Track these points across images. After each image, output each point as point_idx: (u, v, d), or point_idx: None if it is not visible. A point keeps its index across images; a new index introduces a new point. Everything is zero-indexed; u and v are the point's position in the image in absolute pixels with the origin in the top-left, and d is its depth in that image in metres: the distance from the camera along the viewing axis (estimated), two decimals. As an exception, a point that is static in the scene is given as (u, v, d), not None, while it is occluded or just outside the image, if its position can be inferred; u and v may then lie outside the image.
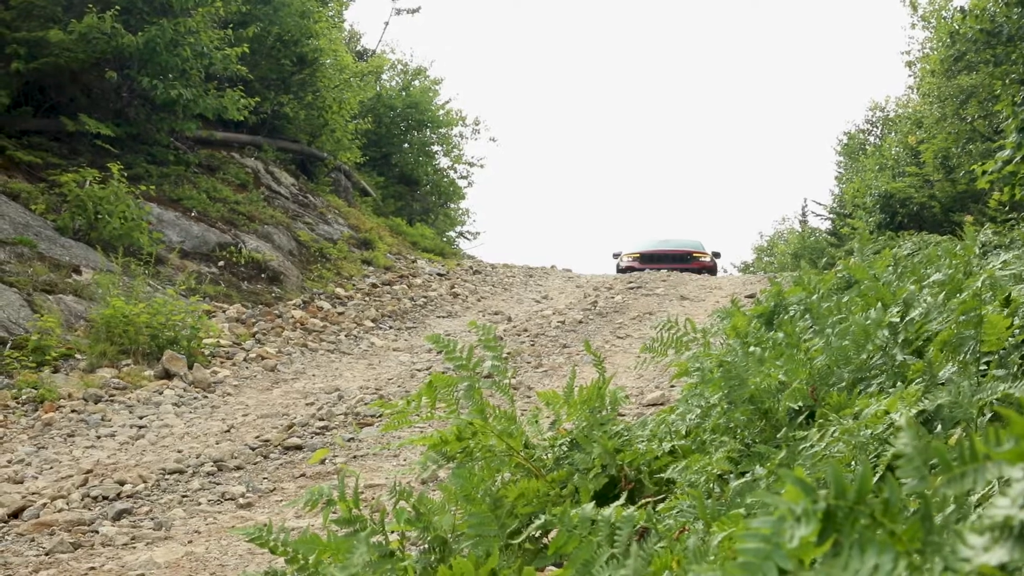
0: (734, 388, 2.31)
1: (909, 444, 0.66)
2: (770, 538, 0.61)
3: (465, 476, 2.30)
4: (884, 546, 0.58)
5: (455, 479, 2.31)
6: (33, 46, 11.20)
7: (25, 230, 10.29)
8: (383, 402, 2.87)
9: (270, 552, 2.12)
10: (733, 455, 2.14)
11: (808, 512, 0.61)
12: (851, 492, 0.61)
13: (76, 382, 7.84)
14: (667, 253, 23.23)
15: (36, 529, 4.53)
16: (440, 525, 2.19)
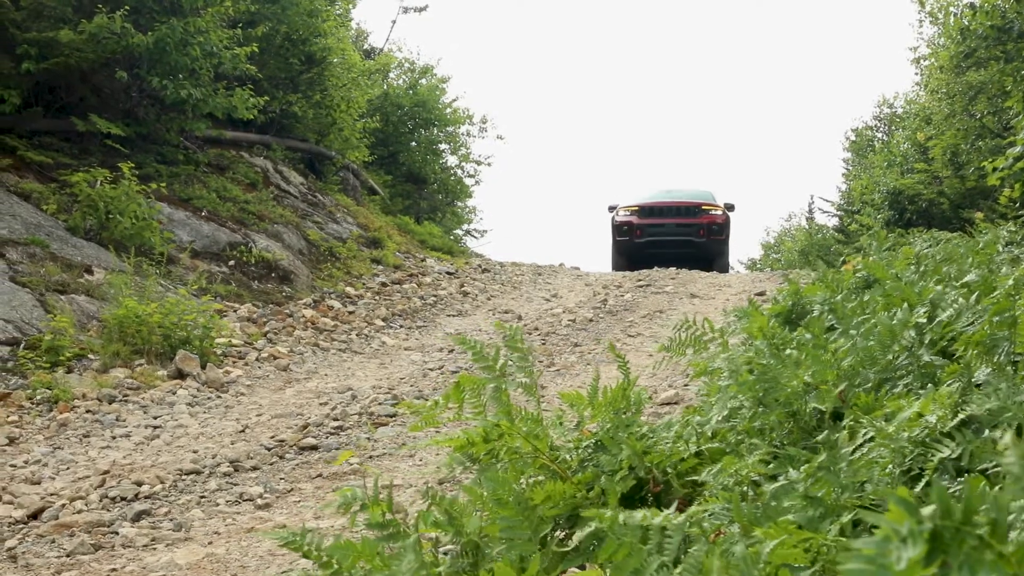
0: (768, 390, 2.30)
1: (1017, 463, 0.66)
2: (875, 559, 0.61)
3: (496, 479, 2.30)
4: (994, 567, 0.58)
5: (486, 482, 2.30)
6: (43, 46, 11.21)
7: (37, 230, 10.30)
8: (410, 403, 2.88)
9: (303, 557, 2.12)
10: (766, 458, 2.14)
11: (914, 533, 0.61)
12: (958, 512, 0.61)
13: (90, 382, 7.85)
14: (671, 205, 20.04)
15: (56, 530, 4.53)
16: (472, 529, 2.19)
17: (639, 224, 19.71)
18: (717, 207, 20.19)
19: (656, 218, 19.80)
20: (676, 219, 19.74)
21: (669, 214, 19.84)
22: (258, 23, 14.66)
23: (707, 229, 19.73)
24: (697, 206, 20.01)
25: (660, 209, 19.91)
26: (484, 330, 11.01)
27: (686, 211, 19.90)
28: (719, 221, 20.00)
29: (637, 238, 19.67)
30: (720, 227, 20.01)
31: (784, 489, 1.85)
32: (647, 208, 20.00)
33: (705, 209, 20.03)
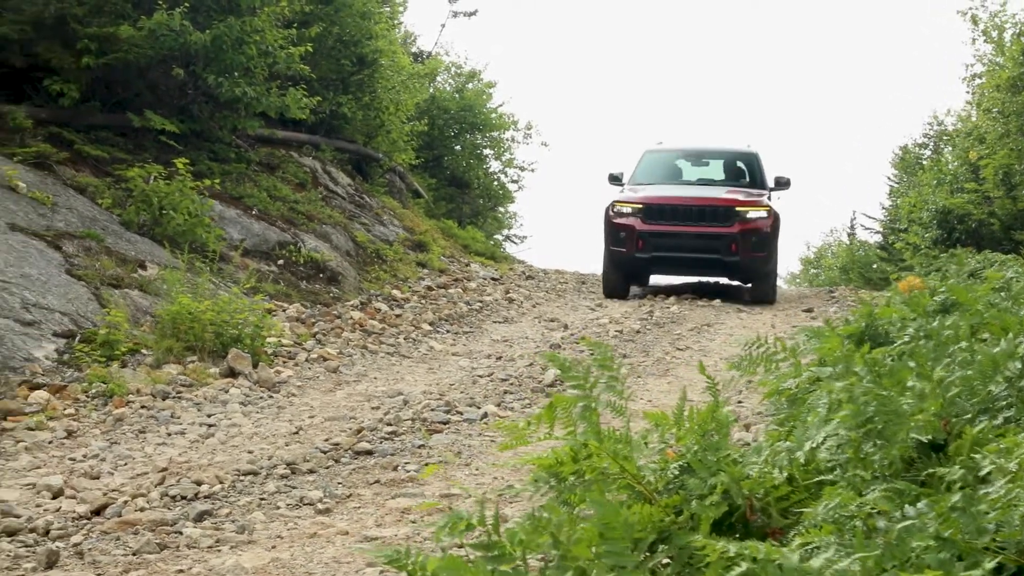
0: (889, 422, 2.26)
1: None
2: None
3: (603, 503, 2.26)
4: None
5: (593, 505, 2.27)
6: (103, 42, 11.30)
7: (92, 224, 10.37)
8: (502, 422, 2.85)
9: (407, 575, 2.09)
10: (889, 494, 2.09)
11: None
12: None
13: (143, 377, 7.88)
14: (690, 205, 14.11)
15: (120, 528, 4.54)
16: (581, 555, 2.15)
17: (642, 231, 13.89)
18: (760, 204, 14.21)
19: (667, 223, 13.92)
20: (697, 226, 13.87)
21: (687, 218, 13.95)
22: (312, 24, 14.72)
23: (744, 241, 13.79)
24: (730, 207, 13.99)
25: (674, 210, 14.00)
26: (531, 338, 10.97)
27: (712, 214, 13.94)
28: (763, 229, 13.95)
29: (639, 251, 13.94)
30: (764, 238, 13.93)
31: (911, 528, 1.80)
32: (655, 207, 14.07)
33: (741, 211, 13.95)
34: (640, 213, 14.13)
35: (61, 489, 5.15)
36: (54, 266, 9.14)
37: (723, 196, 14.46)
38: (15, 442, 6.28)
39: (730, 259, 13.93)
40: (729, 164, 16.13)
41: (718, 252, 13.89)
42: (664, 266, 14.58)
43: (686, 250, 13.99)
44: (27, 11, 11.16)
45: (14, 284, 8.44)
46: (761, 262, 14.10)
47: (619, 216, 14.28)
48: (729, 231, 13.87)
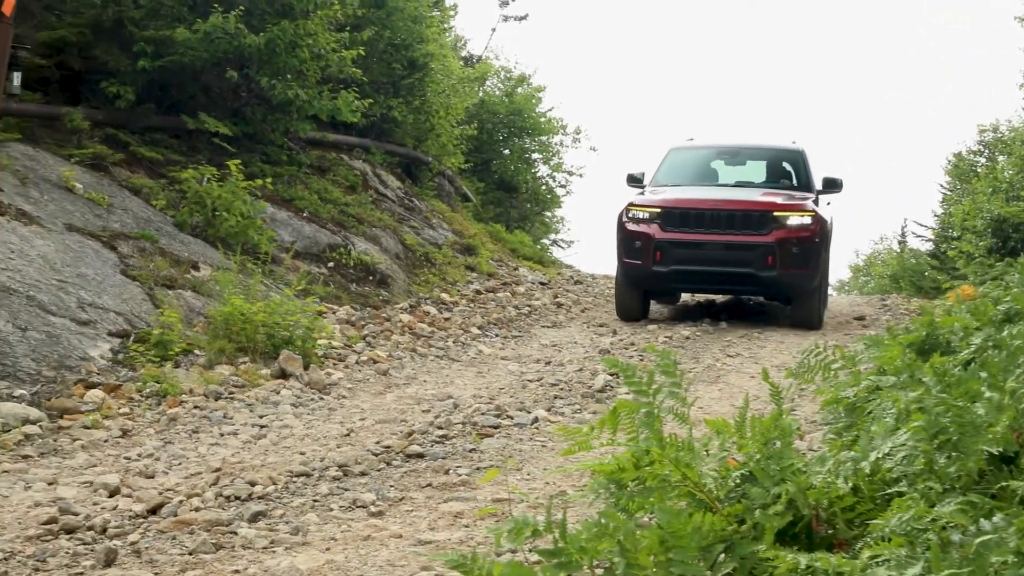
0: (964, 434, 2.21)
1: None
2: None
3: (671, 511, 2.24)
4: None
5: (661, 514, 2.24)
6: (159, 44, 11.42)
7: (147, 225, 10.48)
8: (564, 427, 2.83)
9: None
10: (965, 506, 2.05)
11: None
12: None
13: (196, 378, 7.94)
14: (719, 209, 11.99)
15: (176, 527, 4.57)
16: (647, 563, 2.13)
17: (660, 241, 11.90)
18: (804, 208, 12.12)
19: (690, 231, 11.92)
20: (726, 234, 11.84)
21: (714, 225, 11.89)
22: (364, 27, 14.79)
23: (782, 252, 11.70)
24: (766, 211, 11.89)
25: (699, 215, 11.94)
26: (580, 343, 10.94)
27: (744, 220, 11.85)
28: (806, 237, 11.86)
29: (656, 264, 11.92)
30: (807, 249, 11.84)
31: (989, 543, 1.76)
32: (676, 212, 12.04)
33: (779, 216, 11.87)
34: (658, 219, 11.96)
35: (118, 488, 5.20)
36: (109, 266, 9.24)
37: (758, 199, 12.16)
38: (71, 440, 6.35)
39: (765, 274, 11.70)
40: (770, 163, 13.72)
41: (751, 265, 11.70)
42: (686, 282, 12.40)
43: (713, 263, 11.81)
44: (86, 14, 11.31)
45: (70, 284, 8.54)
46: (803, 278, 11.81)
47: (634, 222, 12.12)
48: (764, 240, 11.66)
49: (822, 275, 12.33)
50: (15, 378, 7.12)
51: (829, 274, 13.80)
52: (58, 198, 9.97)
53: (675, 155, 13.91)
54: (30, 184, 9.88)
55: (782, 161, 13.74)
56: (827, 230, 12.39)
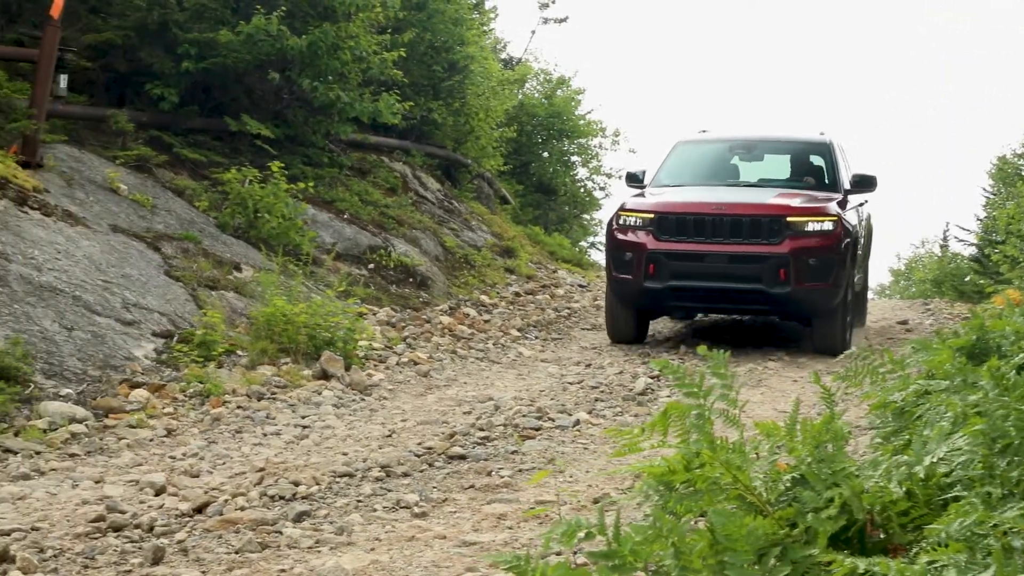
0: (1027, 440, 2.18)
1: None
2: None
3: (726, 514, 2.22)
4: None
5: (715, 517, 2.22)
6: (203, 47, 11.51)
7: (190, 226, 10.56)
8: (614, 429, 2.82)
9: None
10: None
11: None
12: None
13: (239, 378, 7.99)
14: (722, 214, 10.20)
15: (222, 526, 4.60)
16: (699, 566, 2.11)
17: (654, 252, 10.19)
18: (825, 212, 10.26)
19: (689, 240, 10.19)
20: (731, 244, 10.11)
21: (717, 232, 10.12)
22: (404, 30, 14.82)
23: (798, 265, 9.92)
24: (778, 216, 10.12)
25: (699, 221, 10.16)
26: (619, 345, 10.91)
27: (752, 226, 10.08)
28: (827, 247, 10.06)
29: (649, 279, 10.20)
30: (829, 260, 10.03)
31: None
32: (672, 217, 10.27)
33: (794, 222, 10.10)
34: (652, 225, 10.23)
35: (164, 487, 5.23)
36: (153, 267, 9.31)
37: (769, 201, 10.43)
38: (117, 439, 6.42)
39: (777, 290, 9.93)
40: (794, 158, 12.01)
41: (760, 280, 9.97)
42: (684, 300, 10.60)
43: (715, 278, 10.14)
44: (131, 17, 11.40)
45: (115, 284, 8.62)
46: (824, 295, 9.98)
47: (624, 230, 10.41)
48: (776, 250, 9.92)
49: (852, 288, 10.67)
50: (61, 377, 7.19)
51: (868, 284, 12.99)
52: (103, 199, 10.07)
53: (681, 150, 12.19)
54: (76, 185, 9.99)
55: (807, 155, 11.93)
56: (856, 236, 10.61)
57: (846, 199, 10.94)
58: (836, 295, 10.08)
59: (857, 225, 10.89)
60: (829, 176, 11.47)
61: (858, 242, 10.86)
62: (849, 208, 10.81)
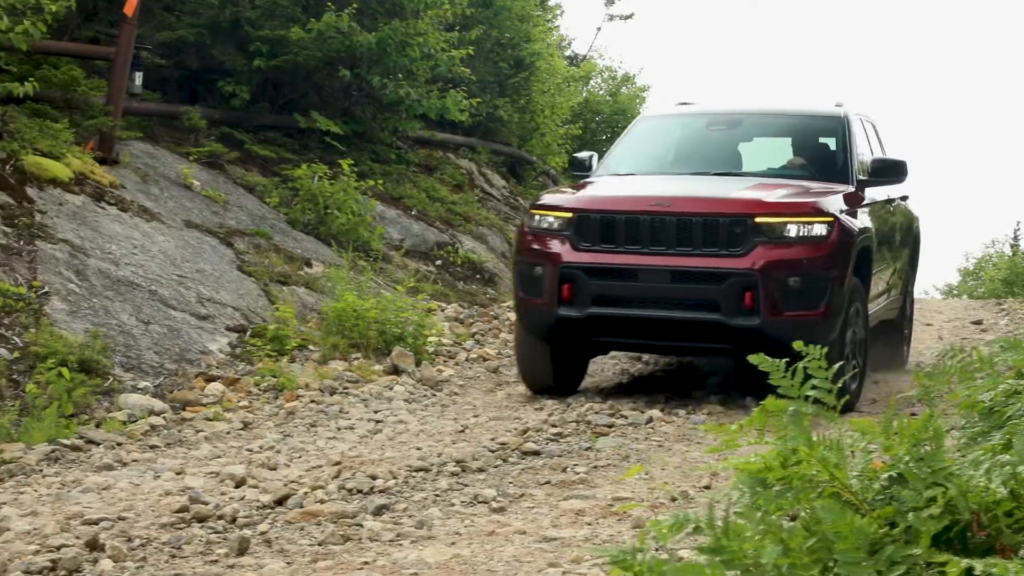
0: None
1: None
2: None
3: (835, 510, 2.19)
4: None
5: (824, 513, 2.19)
6: (274, 44, 11.62)
7: (261, 222, 10.67)
8: (712, 424, 2.79)
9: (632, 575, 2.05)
10: None
11: None
12: None
13: (311, 373, 8.05)
14: (664, 214, 7.33)
15: (303, 518, 4.63)
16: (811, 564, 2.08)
17: (570, 267, 7.51)
18: (815, 209, 7.48)
19: (618, 251, 7.49)
20: (676, 256, 7.40)
21: (658, 239, 7.41)
22: (472, 27, 14.85)
23: (770, 286, 7.22)
24: (740, 216, 7.35)
25: (632, 222, 7.46)
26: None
27: (705, 231, 7.34)
28: (816, 258, 7.34)
29: (564, 304, 7.50)
30: (819, 278, 7.33)
31: None
32: (596, 219, 7.56)
33: (766, 224, 7.32)
34: (569, 229, 7.46)
35: (243, 479, 5.28)
36: (226, 262, 9.42)
37: (734, 194, 7.64)
38: (195, 432, 6.50)
39: (741, 322, 7.15)
40: (796, 138, 9.08)
41: (716, 308, 7.21)
42: (612, 335, 7.70)
43: (653, 304, 7.38)
44: (204, 14, 11.55)
45: (190, 279, 8.73)
46: (811, 327, 6.99)
47: (536, 236, 7.68)
48: (740, 265, 7.16)
49: (865, 319, 7.94)
50: (139, 370, 7.30)
51: (910, 308, 10.33)
52: (177, 195, 10.21)
53: (643, 128, 9.44)
54: (151, 181, 10.13)
55: (811, 134, 9.05)
56: (870, 244, 7.95)
57: (861, 193, 8.16)
58: (830, 328, 7.19)
59: (873, 229, 8.06)
60: (840, 161, 8.44)
61: (872, 252, 8.02)
62: (864, 205, 8.11)
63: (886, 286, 9.08)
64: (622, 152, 9.01)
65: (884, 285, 8.96)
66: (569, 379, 8.13)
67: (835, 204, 7.66)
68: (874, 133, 9.57)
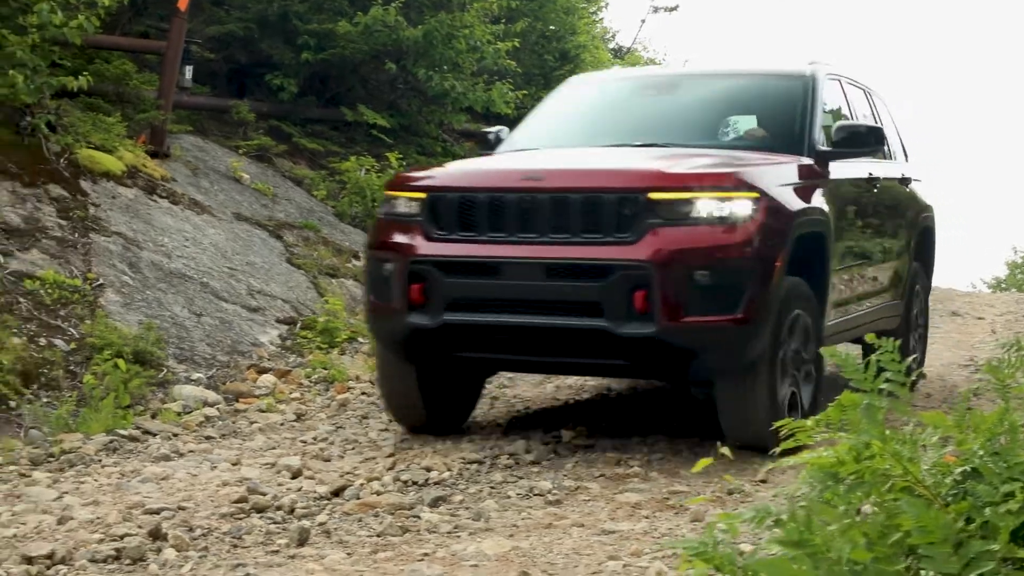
0: None
1: None
2: None
3: (918, 504, 2.16)
4: None
5: (909, 506, 2.16)
6: (322, 38, 11.67)
7: (309, 215, 10.72)
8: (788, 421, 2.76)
9: (715, 569, 2.03)
10: None
11: None
12: None
13: (361, 365, 8.08)
14: (537, 191, 5.60)
15: (361, 509, 4.64)
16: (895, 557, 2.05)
17: (420, 262, 5.81)
18: (731, 182, 5.60)
19: (481, 240, 5.76)
20: (549, 245, 5.62)
21: (528, 223, 5.64)
22: (517, 19, 14.82)
23: (669, 282, 5.41)
24: (632, 191, 5.51)
25: (497, 206, 5.71)
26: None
27: (587, 210, 5.54)
28: (734, 247, 5.49)
29: (416, 309, 5.76)
30: (739, 272, 5.51)
31: None
32: (454, 198, 5.85)
33: (664, 203, 5.47)
34: (423, 214, 5.89)
35: (300, 470, 5.31)
36: (276, 255, 9.48)
37: (628, 166, 6.06)
38: (249, 423, 6.54)
39: (631, 330, 5.48)
40: (748, 104, 7.40)
41: (600, 312, 5.54)
42: (474, 348, 6.02)
43: (522, 308, 5.72)
44: (252, 8, 11.62)
45: (240, 271, 8.79)
46: (728, 337, 5.57)
47: (387, 223, 6.13)
48: (629, 255, 5.50)
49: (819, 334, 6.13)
50: (192, 362, 7.36)
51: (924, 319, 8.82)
52: (227, 188, 10.27)
53: (565, 93, 7.81)
54: (201, 174, 10.21)
55: (769, 99, 7.21)
56: (824, 231, 6.19)
57: (821, 167, 6.47)
58: (752, 341, 5.51)
59: (832, 212, 6.31)
60: (797, 128, 6.69)
61: (829, 242, 6.23)
62: (823, 181, 6.42)
63: (870, 289, 7.33)
64: (534, 124, 7.44)
65: (867, 287, 7.27)
66: (449, 410, 6.44)
67: (766, 176, 5.86)
68: (866, 101, 8.00)
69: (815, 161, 6.46)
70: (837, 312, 6.60)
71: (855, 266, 6.97)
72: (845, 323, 6.82)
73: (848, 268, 6.81)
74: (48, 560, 3.82)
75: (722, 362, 5.64)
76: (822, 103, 6.91)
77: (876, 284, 7.47)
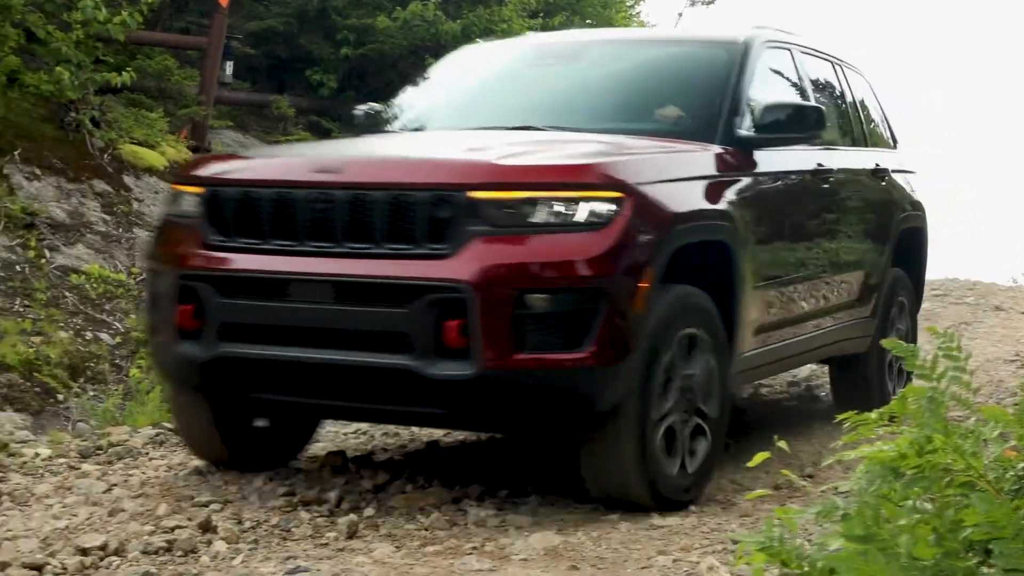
0: None
1: None
2: None
3: (990, 500, 2.12)
4: None
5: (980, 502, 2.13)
6: (361, 33, 11.72)
7: (348, 210, 10.75)
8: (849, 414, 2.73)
9: (782, 564, 2.01)
10: None
11: None
12: None
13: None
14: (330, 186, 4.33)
15: (407, 503, 4.63)
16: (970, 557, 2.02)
17: (192, 276, 4.50)
18: (587, 176, 4.32)
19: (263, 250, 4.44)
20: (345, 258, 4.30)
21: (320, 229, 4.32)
22: (555, 13, 14.81)
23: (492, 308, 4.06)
24: (448, 188, 4.18)
25: (285, 203, 4.39)
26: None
27: (390, 213, 4.21)
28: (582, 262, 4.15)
29: (186, 336, 4.49)
30: (595, 293, 4.15)
31: None
32: (233, 195, 4.57)
33: (488, 205, 4.14)
34: (202, 216, 4.63)
35: (344, 464, 5.31)
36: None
37: (444, 155, 4.80)
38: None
39: (444, 372, 4.14)
40: (661, 77, 5.89)
41: (406, 346, 4.19)
42: (261, 389, 4.66)
43: (310, 339, 4.39)
44: (292, 4, 11.69)
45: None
46: (574, 381, 4.26)
47: (166, 227, 4.93)
48: (439, 273, 4.16)
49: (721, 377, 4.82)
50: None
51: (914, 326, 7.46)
52: (267, 183, 10.31)
53: (451, 63, 6.62)
54: (241, 169, 10.25)
55: (688, 73, 5.83)
56: (707, 237, 4.82)
57: (742, 157, 5.25)
58: (611, 379, 4.27)
59: (750, 215, 5.10)
60: (714, 109, 5.37)
61: (739, 254, 4.92)
62: (743, 174, 5.23)
63: (822, 306, 6.05)
64: (404, 101, 6.19)
65: (816, 304, 5.96)
66: (265, 445, 5.22)
67: (641, 170, 4.55)
68: (836, 77, 6.78)
69: (733, 150, 5.19)
70: (761, 339, 5.30)
71: (793, 280, 5.64)
72: (781, 350, 5.60)
73: (778, 283, 5.46)
74: (101, 551, 3.84)
75: (568, 412, 4.38)
76: (753, 78, 5.54)
77: (832, 300, 6.15)
